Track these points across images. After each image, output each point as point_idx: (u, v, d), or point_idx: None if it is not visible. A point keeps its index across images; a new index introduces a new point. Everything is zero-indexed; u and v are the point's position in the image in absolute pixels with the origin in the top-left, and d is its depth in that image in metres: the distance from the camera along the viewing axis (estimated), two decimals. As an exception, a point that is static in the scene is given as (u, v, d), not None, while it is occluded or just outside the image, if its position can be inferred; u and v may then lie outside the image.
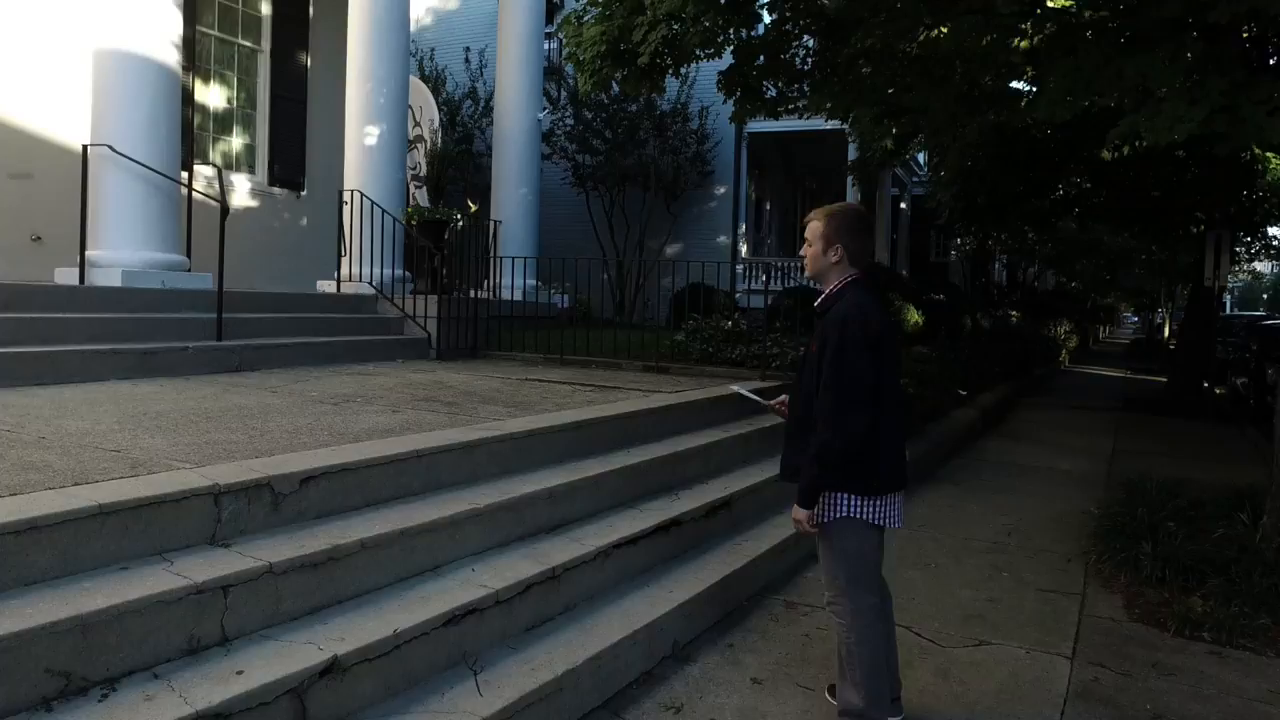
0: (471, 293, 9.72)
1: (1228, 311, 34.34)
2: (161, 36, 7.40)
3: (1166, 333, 42.47)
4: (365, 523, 3.22)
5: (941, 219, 17.75)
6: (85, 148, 7.23)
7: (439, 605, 3.02)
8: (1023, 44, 8.40)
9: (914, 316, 15.22)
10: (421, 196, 11.00)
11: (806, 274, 3.17)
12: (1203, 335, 14.10)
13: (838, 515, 2.93)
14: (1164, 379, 17.56)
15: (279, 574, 2.76)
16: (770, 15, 7.83)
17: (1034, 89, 10.15)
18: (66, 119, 9.03)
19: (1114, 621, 4.34)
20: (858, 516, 2.91)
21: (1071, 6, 7.59)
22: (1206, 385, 14.11)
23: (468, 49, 18.38)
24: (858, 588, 2.97)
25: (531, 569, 3.44)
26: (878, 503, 2.92)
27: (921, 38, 8.55)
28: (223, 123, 11.25)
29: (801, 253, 3.12)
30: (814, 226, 3.03)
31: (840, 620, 3.01)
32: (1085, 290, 37.49)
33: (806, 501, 2.90)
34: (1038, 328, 23.64)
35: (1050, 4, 7.53)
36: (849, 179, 18.83)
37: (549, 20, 15.17)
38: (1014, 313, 24.60)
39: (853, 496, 2.91)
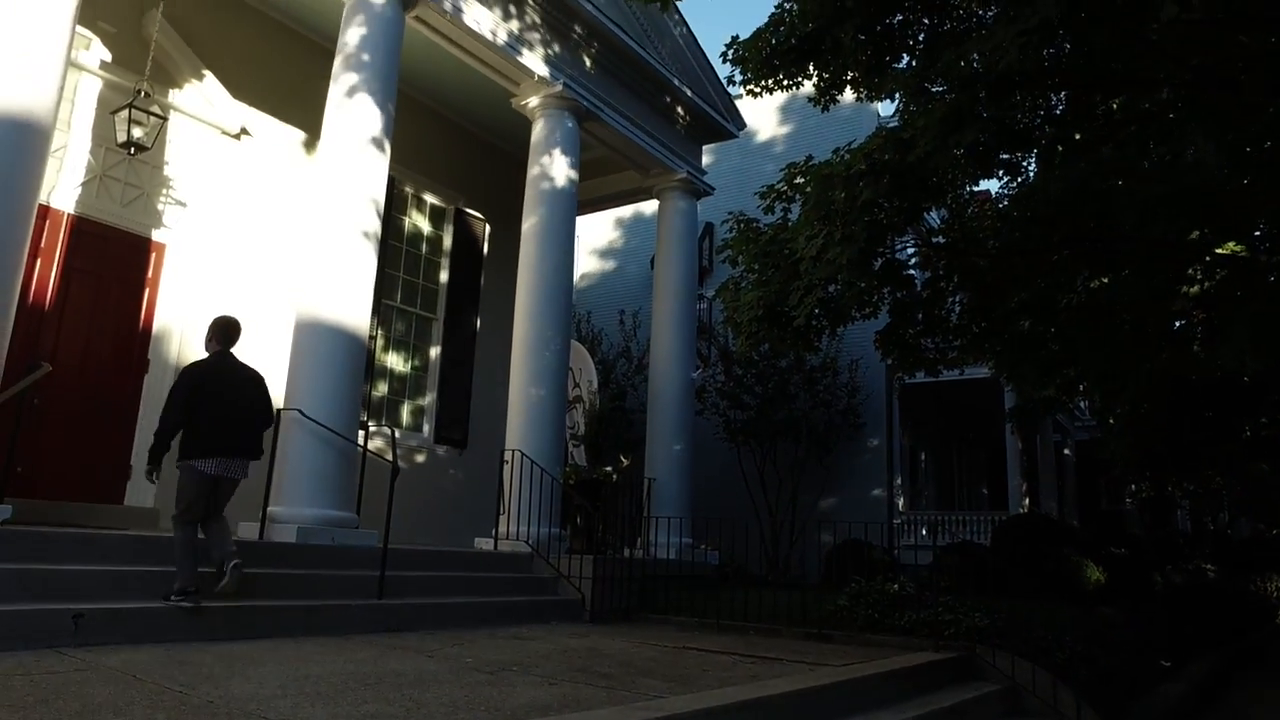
0: (625, 550, 9.62)
1: None
2: (356, 314, 8.11)
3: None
4: (522, 818, 2.97)
5: (1116, 470, 16.68)
6: (279, 411, 7.81)
7: None
8: (1192, 290, 8.13)
9: (1094, 574, 13.90)
10: (579, 455, 11.27)
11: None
12: None
13: (176, 464, 5.80)
14: None
15: None
16: (923, 274, 7.93)
17: (1201, 328, 9.71)
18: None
19: None
20: (185, 462, 5.80)
21: (1243, 252, 7.35)
22: None
23: (622, 311, 19.47)
24: (180, 509, 5.74)
25: None
26: (199, 461, 5.77)
27: (1080, 287, 8.43)
28: (397, 383, 12.10)
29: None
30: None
31: (174, 526, 5.77)
32: (1291, 538, 33.76)
33: (149, 460, 5.79)
34: (1242, 583, 21.20)
35: (1219, 251, 7.32)
36: (1007, 426, 18.20)
37: (700, 283, 15.98)
38: (1208, 566, 22.26)
39: (184, 460, 5.84)
